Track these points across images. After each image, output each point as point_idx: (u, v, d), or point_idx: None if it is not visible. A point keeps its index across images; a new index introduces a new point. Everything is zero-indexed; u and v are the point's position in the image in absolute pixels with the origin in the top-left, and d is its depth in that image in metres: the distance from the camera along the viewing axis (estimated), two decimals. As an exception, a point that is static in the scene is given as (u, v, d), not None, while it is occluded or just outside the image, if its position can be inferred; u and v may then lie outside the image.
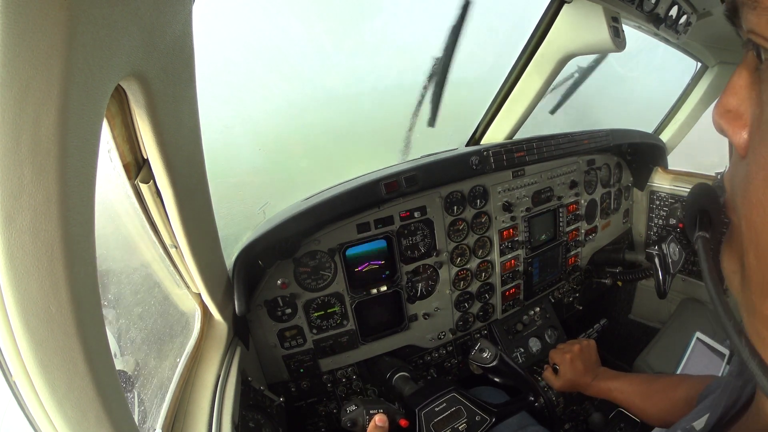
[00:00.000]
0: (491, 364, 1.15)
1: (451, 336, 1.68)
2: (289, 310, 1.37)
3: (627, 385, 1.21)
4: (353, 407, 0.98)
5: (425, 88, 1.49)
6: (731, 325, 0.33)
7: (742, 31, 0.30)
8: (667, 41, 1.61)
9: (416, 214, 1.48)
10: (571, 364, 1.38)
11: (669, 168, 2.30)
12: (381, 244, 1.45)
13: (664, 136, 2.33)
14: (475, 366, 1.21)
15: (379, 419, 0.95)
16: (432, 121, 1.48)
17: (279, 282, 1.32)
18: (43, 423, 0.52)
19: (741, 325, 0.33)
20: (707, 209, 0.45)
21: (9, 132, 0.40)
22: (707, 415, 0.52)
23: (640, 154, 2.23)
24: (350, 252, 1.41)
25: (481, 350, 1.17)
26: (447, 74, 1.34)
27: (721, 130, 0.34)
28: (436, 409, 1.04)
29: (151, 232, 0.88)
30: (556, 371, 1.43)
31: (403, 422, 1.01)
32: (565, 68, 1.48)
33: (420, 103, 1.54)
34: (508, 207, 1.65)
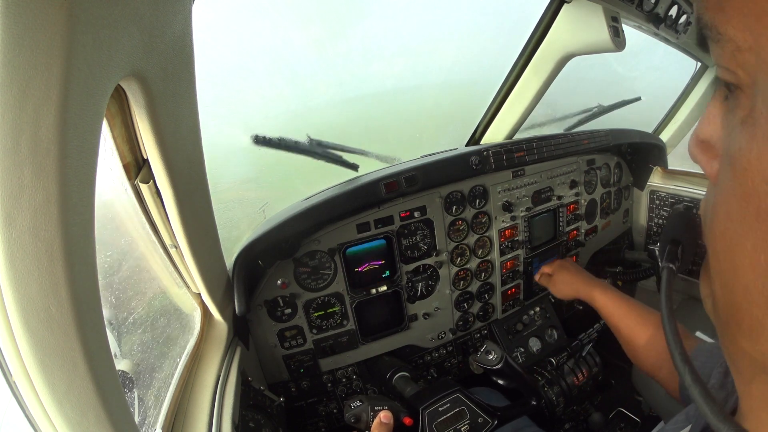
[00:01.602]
0: (496, 367, 1.15)
1: (451, 336, 1.68)
2: (289, 310, 1.37)
3: (625, 303, 1.19)
4: (358, 403, 0.98)
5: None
6: (677, 353, 0.36)
7: (716, 67, 0.30)
8: (667, 41, 1.61)
9: (416, 214, 1.48)
10: (564, 273, 1.49)
11: (669, 168, 2.30)
12: (381, 243, 1.45)
13: (664, 136, 2.33)
14: (476, 366, 1.21)
15: (384, 416, 0.95)
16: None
17: (279, 282, 1.32)
18: (43, 423, 0.52)
19: (687, 354, 0.36)
20: (679, 239, 0.46)
21: (9, 132, 0.40)
22: (689, 427, 0.51)
23: (640, 153, 2.23)
24: (350, 252, 1.41)
25: (487, 352, 1.17)
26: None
27: (695, 160, 0.34)
28: (440, 409, 1.04)
29: (151, 232, 0.88)
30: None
31: (407, 420, 1.01)
32: (567, 70, 1.48)
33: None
34: (508, 207, 1.65)
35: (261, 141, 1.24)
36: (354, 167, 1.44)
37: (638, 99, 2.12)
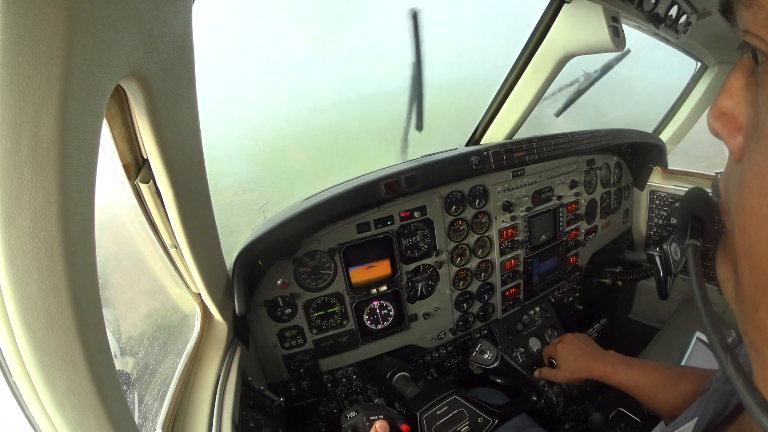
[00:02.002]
0: (492, 366, 1.14)
1: (451, 336, 1.68)
2: (289, 310, 1.37)
3: (640, 374, 1.14)
4: (353, 413, 0.97)
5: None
6: (717, 341, 0.33)
7: (738, 30, 0.29)
8: (666, 41, 1.61)
9: (416, 214, 1.48)
10: (568, 352, 1.34)
11: (669, 168, 2.30)
12: (381, 244, 1.45)
13: (664, 136, 2.33)
14: (476, 366, 1.20)
15: (380, 426, 0.94)
16: (420, 126, 1.47)
17: (279, 282, 1.32)
18: (43, 423, 0.52)
19: (727, 341, 0.33)
20: (700, 215, 0.43)
21: (9, 132, 0.40)
22: (695, 420, 0.51)
23: (639, 153, 2.23)
24: (350, 252, 1.41)
25: (482, 351, 1.16)
26: (422, 80, 1.33)
27: (716, 133, 0.33)
28: (438, 412, 1.03)
29: (151, 232, 0.88)
30: (553, 365, 1.39)
31: (404, 427, 1.00)
32: (568, 70, 1.48)
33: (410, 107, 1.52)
34: (508, 207, 1.65)
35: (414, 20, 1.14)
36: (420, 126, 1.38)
37: (628, 52, 1.92)
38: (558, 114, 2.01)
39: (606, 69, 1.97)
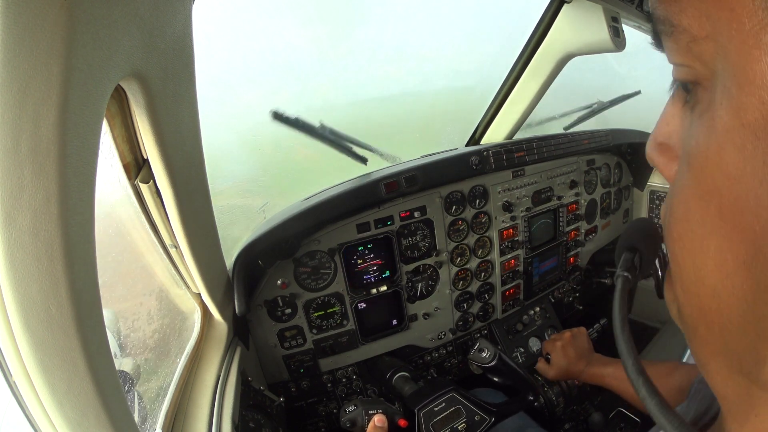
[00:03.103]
0: (490, 364, 1.15)
1: (451, 336, 1.68)
2: (289, 310, 1.37)
3: (620, 371, 1.20)
4: (352, 407, 0.99)
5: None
6: (631, 364, 0.34)
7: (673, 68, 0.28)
8: (667, 41, 1.60)
9: (416, 214, 1.48)
10: (562, 351, 1.39)
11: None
12: (381, 244, 1.45)
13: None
14: (475, 366, 1.21)
15: (378, 419, 0.95)
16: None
17: (279, 282, 1.32)
18: (43, 423, 0.52)
19: (640, 365, 0.34)
20: (636, 247, 0.44)
21: (9, 132, 0.40)
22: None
23: (640, 154, 2.23)
24: (350, 252, 1.41)
25: (480, 350, 1.17)
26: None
27: (653, 164, 0.33)
28: (435, 409, 1.04)
29: (151, 232, 0.88)
30: (548, 361, 1.43)
31: (402, 422, 1.01)
32: (571, 74, 1.48)
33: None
34: (508, 207, 1.65)
35: (279, 117, 1.23)
36: (363, 160, 1.43)
37: (638, 93, 2.08)
38: (567, 128, 2.06)
39: (619, 100, 2.07)
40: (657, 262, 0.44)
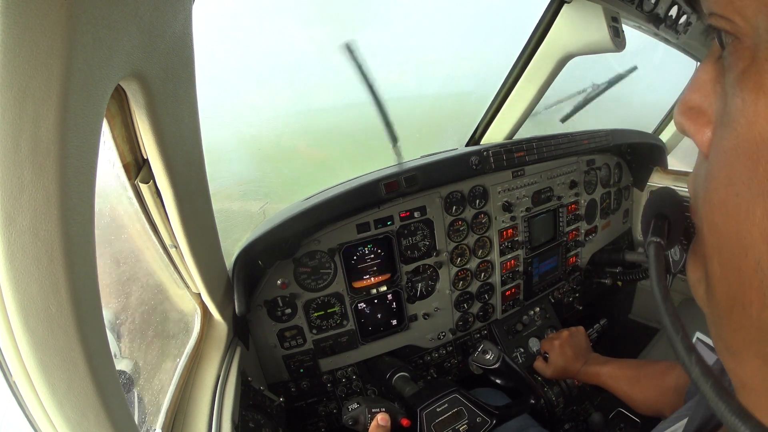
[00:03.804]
0: (493, 366, 1.15)
1: (450, 336, 1.68)
2: (289, 310, 1.37)
3: (616, 369, 1.21)
4: (355, 405, 0.99)
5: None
6: (680, 340, 0.30)
7: (704, 16, 0.27)
8: (666, 41, 1.61)
9: (416, 214, 1.48)
10: (560, 350, 1.38)
11: (669, 168, 2.30)
12: (381, 244, 1.45)
13: (664, 136, 2.33)
14: (476, 366, 1.21)
15: (381, 418, 0.95)
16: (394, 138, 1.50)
17: (279, 282, 1.32)
18: (43, 423, 0.52)
19: (690, 341, 0.30)
20: (665, 214, 0.40)
21: (9, 132, 0.40)
22: (685, 420, 0.49)
23: (639, 154, 2.23)
24: (350, 252, 1.41)
25: (484, 351, 1.17)
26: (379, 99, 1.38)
27: (683, 130, 0.31)
28: (438, 409, 1.04)
29: (151, 232, 0.88)
30: (546, 360, 1.43)
31: (404, 422, 1.01)
32: (576, 75, 1.48)
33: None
34: (508, 207, 1.65)
35: (350, 52, 1.20)
36: (395, 139, 1.44)
37: (635, 68, 1.98)
38: (564, 120, 2.02)
39: (614, 81, 2.00)
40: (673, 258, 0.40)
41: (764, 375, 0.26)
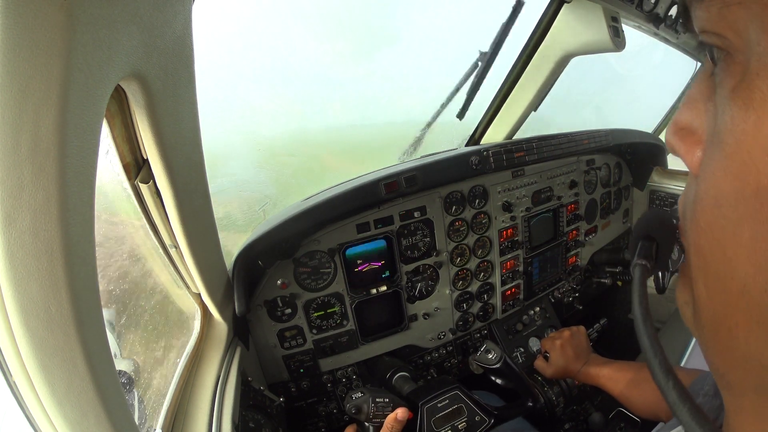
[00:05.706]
0: (495, 366, 1.15)
1: (451, 336, 1.68)
2: (289, 310, 1.37)
3: (615, 372, 1.20)
4: (359, 394, 0.98)
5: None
6: (658, 363, 0.29)
7: (696, 36, 0.27)
8: (666, 41, 1.61)
9: (416, 214, 1.48)
10: (561, 350, 1.38)
11: (669, 168, 2.30)
12: (381, 244, 1.45)
13: (664, 136, 2.33)
14: (476, 366, 1.21)
15: (401, 413, 0.95)
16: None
17: (279, 282, 1.32)
18: (43, 423, 0.52)
19: (669, 364, 0.30)
20: (653, 236, 0.40)
21: (9, 132, 0.40)
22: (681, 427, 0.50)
23: (639, 153, 2.23)
24: (350, 252, 1.41)
25: (487, 351, 1.18)
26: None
27: (674, 150, 0.30)
28: (439, 405, 1.05)
29: (150, 232, 0.88)
30: (547, 359, 1.44)
31: (408, 414, 1.01)
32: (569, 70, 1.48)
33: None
34: (507, 207, 1.65)
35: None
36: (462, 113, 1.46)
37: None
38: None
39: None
40: (671, 256, 0.40)
41: (752, 399, 0.26)
